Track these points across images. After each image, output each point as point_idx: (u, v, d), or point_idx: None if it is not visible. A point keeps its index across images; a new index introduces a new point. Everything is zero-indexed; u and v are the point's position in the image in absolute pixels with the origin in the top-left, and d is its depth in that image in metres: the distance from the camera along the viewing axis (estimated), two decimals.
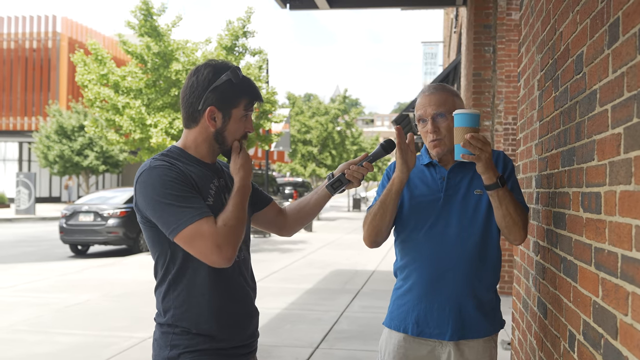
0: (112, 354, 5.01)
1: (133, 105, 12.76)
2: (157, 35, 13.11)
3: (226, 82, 1.73)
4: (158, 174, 1.64)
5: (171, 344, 1.70)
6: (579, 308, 1.72)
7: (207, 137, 1.77)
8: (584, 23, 1.74)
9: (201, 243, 1.58)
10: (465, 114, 1.85)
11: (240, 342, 1.79)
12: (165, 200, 1.61)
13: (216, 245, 1.58)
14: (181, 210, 1.59)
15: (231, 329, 1.76)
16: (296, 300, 7.31)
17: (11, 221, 21.95)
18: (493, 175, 1.90)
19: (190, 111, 1.75)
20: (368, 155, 2.04)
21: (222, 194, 1.78)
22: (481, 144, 1.82)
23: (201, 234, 1.58)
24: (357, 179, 1.99)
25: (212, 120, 1.74)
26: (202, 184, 1.73)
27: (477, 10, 7.02)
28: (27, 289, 8.11)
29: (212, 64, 1.77)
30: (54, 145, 26.69)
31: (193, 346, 1.70)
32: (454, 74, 12.11)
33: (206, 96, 1.72)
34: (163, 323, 1.74)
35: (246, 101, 1.77)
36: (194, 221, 1.59)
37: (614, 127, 1.44)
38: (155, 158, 1.72)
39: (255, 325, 1.88)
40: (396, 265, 2.19)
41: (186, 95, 1.76)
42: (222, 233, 1.60)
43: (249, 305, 1.84)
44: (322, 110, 29.77)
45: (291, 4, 7.42)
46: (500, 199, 1.93)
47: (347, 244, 14.43)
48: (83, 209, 12.41)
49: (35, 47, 32.14)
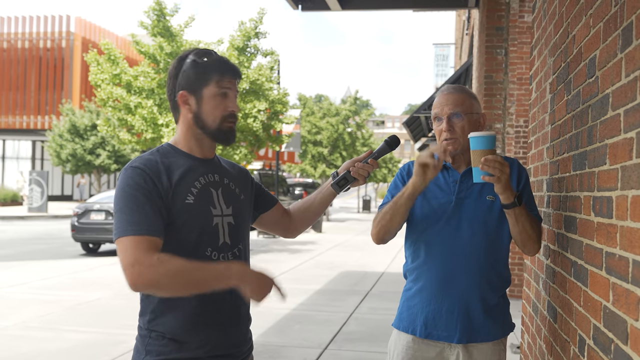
0: (122, 352, 5.05)
1: (145, 105, 12.84)
2: (169, 36, 13.19)
3: (190, 64, 1.71)
4: (126, 176, 1.62)
5: (147, 349, 1.66)
6: (589, 312, 1.71)
7: (190, 126, 1.73)
8: (597, 26, 1.73)
9: (121, 258, 1.52)
10: (480, 137, 1.85)
11: (222, 351, 1.69)
12: (119, 205, 1.59)
13: (130, 263, 1.49)
14: (124, 220, 1.56)
15: (209, 336, 1.66)
16: (305, 301, 7.32)
17: (24, 219, 22.18)
18: (511, 195, 1.90)
19: (171, 104, 1.75)
20: (372, 152, 2.02)
21: (211, 190, 1.72)
22: (499, 165, 1.82)
23: (125, 248, 1.52)
24: (362, 176, 1.97)
25: (187, 105, 1.72)
26: (186, 180, 1.67)
27: (489, 13, 7.00)
28: (39, 286, 8.19)
29: (180, 54, 1.77)
30: (66, 144, 26.93)
31: (166, 353, 1.63)
32: (465, 76, 12.07)
33: (177, 83, 1.72)
34: (142, 326, 1.70)
35: (217, 77, 1.71)
36: (125, 235, 1.53)
37: (626, 131, 1.43)
38: (140, 157, 1.69)
39: (243, 334, 1.77)
40: (406, 267, 2.19)
41: (166, 90, 1.78)
42: (148, 262, 1.49)
43: (234, 311, 1.72)
44: (333, 111, 29.78)
45: (303, 5, 7.44)
46: (517, 217, 1.94)
47: (356, 245, 14.42)
48: (95, 207, 12.50)
49: (49, 47, 32.44)
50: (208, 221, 1.69)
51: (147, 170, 1.62)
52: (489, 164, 1.82)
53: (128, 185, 1.60)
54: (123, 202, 1.58)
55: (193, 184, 1.69)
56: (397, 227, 2.07)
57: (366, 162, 1.98)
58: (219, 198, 1.73)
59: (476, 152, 1.86)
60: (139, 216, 1.55)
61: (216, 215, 1.71)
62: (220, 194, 1.74)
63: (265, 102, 13.76)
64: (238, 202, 1.80)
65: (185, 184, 1.67)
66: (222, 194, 1.75)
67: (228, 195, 1.77)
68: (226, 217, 1.73)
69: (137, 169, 1.62)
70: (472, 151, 1.88)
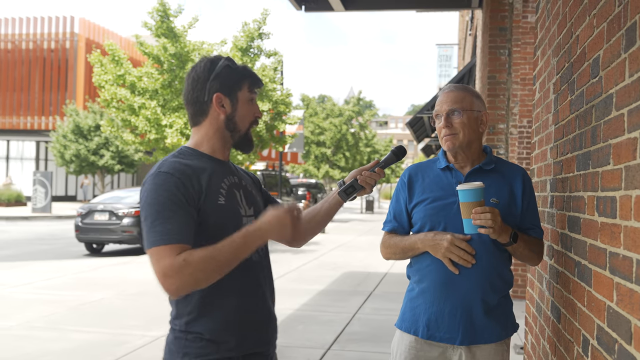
0: (126, 352, 5.06)
1: (149, 106, 12.88)
2: (173, 37, 13.23)
3: (225, 68, 1.74)
4: (156, 183, 1.62)
5: (183, 351, 1.67)
6: (593, 312, 1.71)
7: (219, 127, 1.76)
8: (601, 27, 1.73)
9: (155, 267, 1.56)
10: (468, 190, 1.90)
11: (255, 349, 1.75)
12: (149, 212, 1.60)
13: (162, 274, 1.53)
14: (155, 229, 1.57)
15: (245, 336, 1.71)
16: (308, 302, 7.32)
17: (28, 219, 22.24)
18: (506, 236, 1.97)
19: (197, 105, 1.75)
20: (379, 161, 2.05)
21: (235, 192, 1.76)
22: (490, 215, 1.89)
23: (157, 258, 1.55)
24: (369, 184, 2.01)
25: (221, 107, 1.74)
26: (214, 182, 1.70)
27: (492, 13, 6.99)
28: (42, 287, 8.21)
29: (206, 57, 1.79)
30: (70, 145, 27.01)
31: (204, 355, 1.66)
32: (468, 76, 12.07)
33: (209, 85, 1.73)
34: (176, 328, 1.71)
35: (248, 83, 1.78)
36: (156, 245, 1.56)
37: (630, 131, 1.43)
38: (165, 161, 1.69)
39: (272, 332, 1.83)
40: (409, 268, 2.19)
41: (189, 92, 1.76)
42: (176, 268, 1.52)
43: (265, 311, 1.79)
44: (336, 112, 29.79)
45: (306, 6, 7.45)
46: (515, 250, 2.04)
47: (359, 246, 14.42)
48: (98, 208, 12.52)
49: (53, 48, 32.53)
50: (238, 221, 1.73)
51: (177, 174, 1.63)
52: (481, 217, 1.89)
53: (158, 193, 1.61)
54: (154, 209, 1.59)
55: (221, 185, 1.72)
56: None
57: (373, 171, 2.01)
58: (241, 199, 1.78)
59: (465, 204, 1.92)
60: (170, 225, 1.57)
61: (243, 215, 1.76)
62: (242, 195, 1.79)
63: (269, 102, 13.78)
64: (256, 203, 1.85)
65: (215, 186, 1.70)
66: (244, 195, 1.80)
67: (248, 196, 1.82)
68: (249, 217, 1.78)
69: (167, 175, 1.63)
70: (461, 203, 1.94)
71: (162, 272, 1.53)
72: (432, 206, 2.09)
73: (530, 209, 2.10)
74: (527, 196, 2.10)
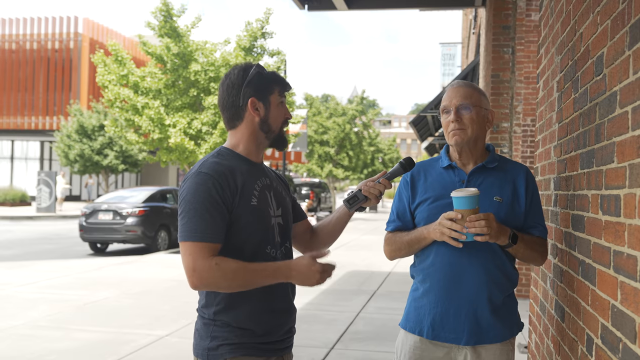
0: (130, 351, 5.07)
1: (152, 106, 12.89)
2: (176, 36, 13.24)
3: (257, 75, 1.88)
4: (196, 182, 1.76)
5: (212, 335, 1.81)
6: (597, 311, 1.70)
7: (254, 129, 1.89)
8: (605, 24, 1.72)
9: (186, 259, 1.72)
10: (462, 198, 1.89)
11: (278, 337, 1.88)
12: (187, 208, 1.74)
13: (192, 269, 1.70)
14: (190, 225, 1.72)
15: (270, 325, 1.85)
16: (312, 301, 7.32)
17: (32, 219, 22.31)
18: (505, 238, 1.96)
19: (233, 110, 1.89)
20: (386, 172, 2.07)
21: (266, 193, 1.89)
22: (485, 222, 1.88)
23: (190, 252, 1.71)
24: (374, 195, 2.04)
25: (256, 111, 1.88)
26: (248, 183, 1.83)
27: (496, 11, 6.97)
28: (47, 286, 8.24)
29: (239, 65, 1.93)
30: (74, 145, 27.07)
31: (232, 339, 1.80)
32: (472, 75, 12.04)
33: (244, 91, 1.87)
34: (204, 316, 1.84)
35: (278, 88, 1.92)
36: (189, 240, 1.72)
37: (634, 129, 1.43)
38: (205, 161, 1.82)
39: (293, 322, 1.97)
40: (413, 267, 2.19)
41: (225, 98, 1.90)
42: (207, 267, 1.69)
43: (288, 301, 1.93)
44: (340, 111, 29.74)
45: (310, 5, 7.44)
46: (516, 251, 2.02)
47: (363, 245, 14.42)
48: (102, 207, 12.56)
49: (57, 48, 32.61)
50: (268, 221, 1.87)
51: (215, 175, 1.77)
52: (475, 226, 1.87)
53: (198, 191, 1.75)
54: (192, 206, 1.74)
55: (254, 186, 1.86)
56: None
57: (378, 182, 2.04)
58: (271, 200, 1.91)
59: (459, 212, 1.91)
60: (205, 224, 1.72)
61: (272, 215, 1.90)
62: (272, 196, 1.92)
63: None
64: (285, 204, 1.99)
65: (248, 187, 1.84)
66: (274, 196, 1.93)
67: (277, 197, 1.95)
68: (277, 218, 1.92)
69: (206, 175, 1.77)
70: (455, 210, 1.93)
71: (192, 267, 1.69)
72: (434, 205, 2.08)
73: (533, 207, 2.08)
74: (531, 194, 2.08)
